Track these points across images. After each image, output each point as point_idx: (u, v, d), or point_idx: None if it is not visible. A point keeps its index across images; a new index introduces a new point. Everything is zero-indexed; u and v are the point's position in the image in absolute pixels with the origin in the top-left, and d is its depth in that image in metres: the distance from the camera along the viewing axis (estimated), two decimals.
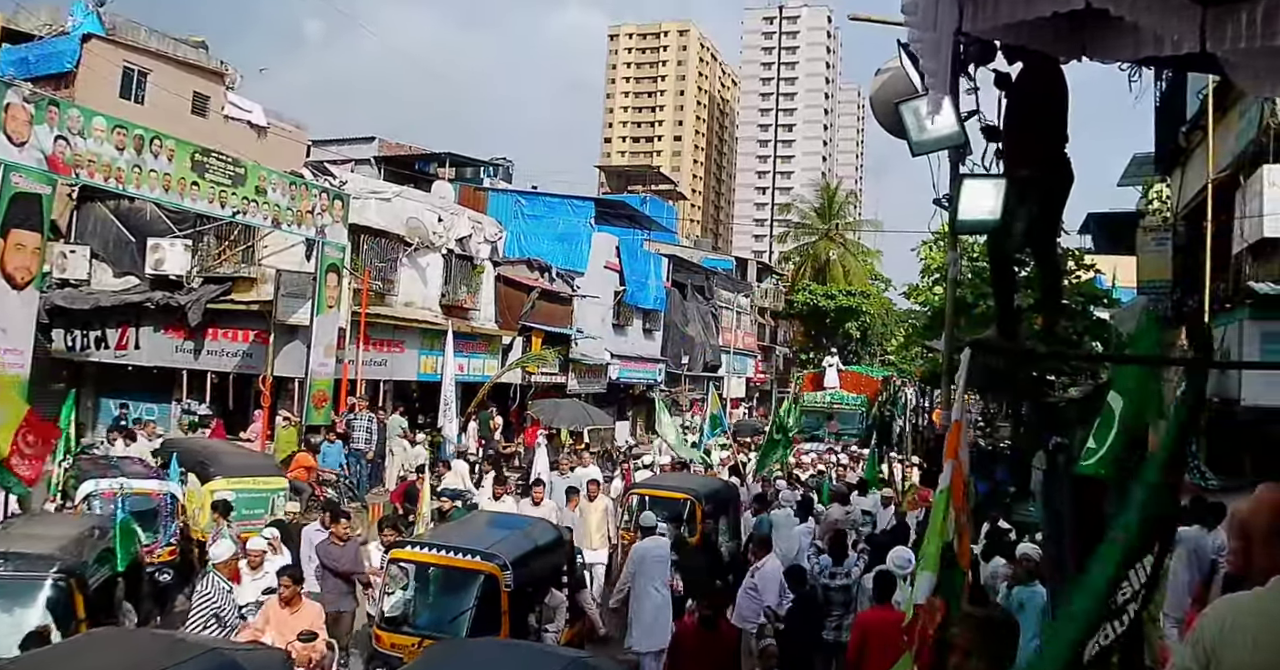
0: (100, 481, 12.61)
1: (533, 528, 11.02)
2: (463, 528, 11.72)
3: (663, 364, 43.50)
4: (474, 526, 11.61)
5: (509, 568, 9.18)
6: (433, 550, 9.83)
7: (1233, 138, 16.54)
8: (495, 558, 9.30)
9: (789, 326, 67.66)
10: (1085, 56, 4.86)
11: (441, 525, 13.12)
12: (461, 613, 9.57)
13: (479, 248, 29.26)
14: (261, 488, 14.88)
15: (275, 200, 19.63)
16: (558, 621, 10.18)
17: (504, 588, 9.12)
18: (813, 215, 68.41)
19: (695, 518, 14.78)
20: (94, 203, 23.92)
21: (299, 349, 21.65)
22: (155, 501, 12.84)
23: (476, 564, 9.38)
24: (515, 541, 10.10)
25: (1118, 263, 29.94)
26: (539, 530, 10.99)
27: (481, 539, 10.00)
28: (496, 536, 10.18)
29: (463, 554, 9.48)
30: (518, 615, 9.35)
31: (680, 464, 22.85)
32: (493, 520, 12.18)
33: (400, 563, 10.04)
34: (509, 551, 9.54)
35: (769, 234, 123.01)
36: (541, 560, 10.31)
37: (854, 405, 41.27)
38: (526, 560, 9.71)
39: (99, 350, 23.69)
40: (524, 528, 10.92)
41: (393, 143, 43.51)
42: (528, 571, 9.62)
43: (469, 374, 28.40)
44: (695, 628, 8.84)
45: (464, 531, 11.07)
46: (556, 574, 10.92)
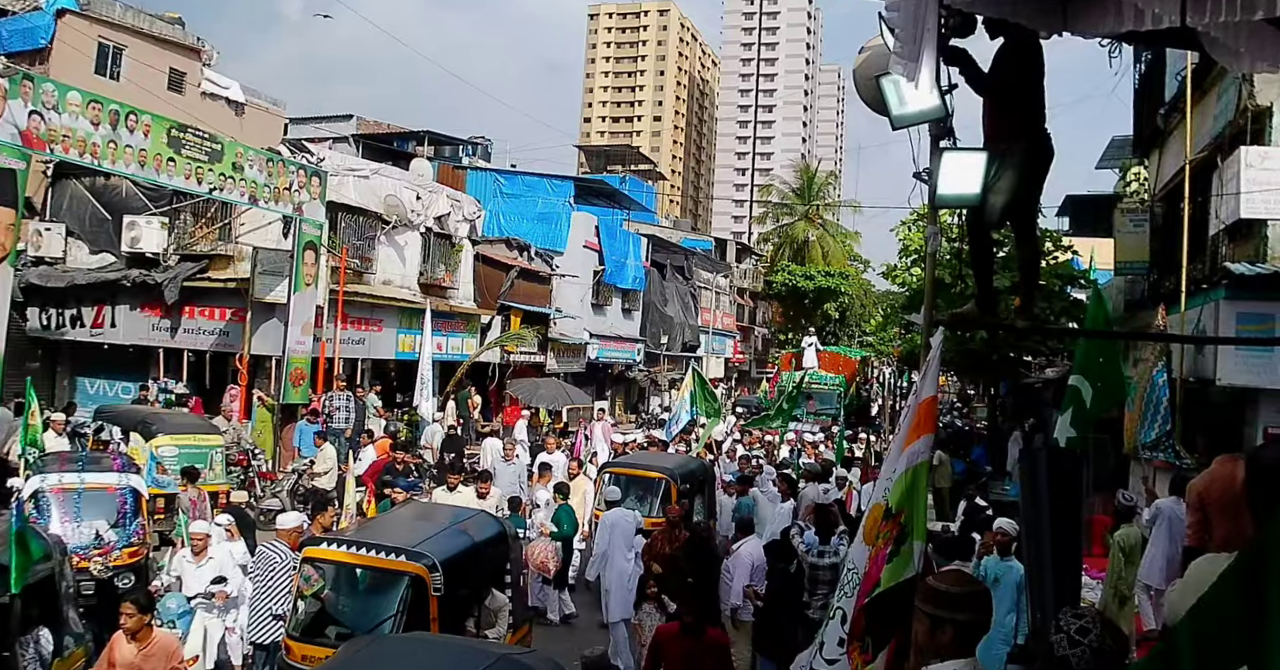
0: (49, 477, 11.23)
1: (470, 521, 9.75)
2: (390, 522, 10.51)
3: (641, 344, 43.54)
4: (402, 521, 10.29)
5: (438, 568, 8.18)
6: (351, 549, 8.59)
7: (1210, 120, 16.61)
8: (422, 557, 8.27)
9: (768, 307, 67.77)
10: (1066, 31, 4.86)
11: (369, 520, 11.88)
12: (383, 620, 8.60)
13: (458, 226, 29.14)
14: (202, 444, 16.20)
15: (252, 177, 19.50)
16: (500, 626, 9.14)
17: (432, 592, 8.15)
18: (792, 196, 68.35)
19: (670, 497, 14.33)
20: (69, 180, 23.75)
21: (276, 327, 21.56)
22: (113, 497, 11.52)
23: (401, 564, 8.34)
24: (448, 538, 9.02)
25: (1095, 245, 30.13)
26: (477, 524, 9.75)
27: (408, 536, 8.89)
28: (426, 533, 9.02)
29: (386, 553, 8.41)
30: (450, 622, 8.44)
31: (662, 442, 22.78)
32: (425, 513, 10.92)
33: (316, 562, 8.76)
34: (439, 550, 8.51)
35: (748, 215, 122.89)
36: (479, 559, 9.28)
37: (832, 385, 41.34)
38: (461, 559, 8.74)
39: (75, 329, 23.60)
40: (460, 522, 9.65)
41: (371, 121, 43.29)
42: (462, 572, 8.68)
43: (447, 353, 28.36)
44: (678, 635, 8.30)
45: (390, 527, 9.87)
46: (497, 573, 9.72)
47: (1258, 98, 14.63)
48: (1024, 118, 5.69)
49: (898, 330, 46.49)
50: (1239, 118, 15.08)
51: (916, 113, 5.86)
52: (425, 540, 8.70)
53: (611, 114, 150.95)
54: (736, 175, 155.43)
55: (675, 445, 22.48)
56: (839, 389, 41.22)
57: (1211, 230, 16.08)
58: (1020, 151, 5.63)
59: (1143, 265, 21.01)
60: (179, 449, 15.57)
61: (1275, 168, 14.06)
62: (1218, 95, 16.33)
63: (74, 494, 11.08)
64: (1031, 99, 5.69)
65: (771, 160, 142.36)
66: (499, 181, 38.49)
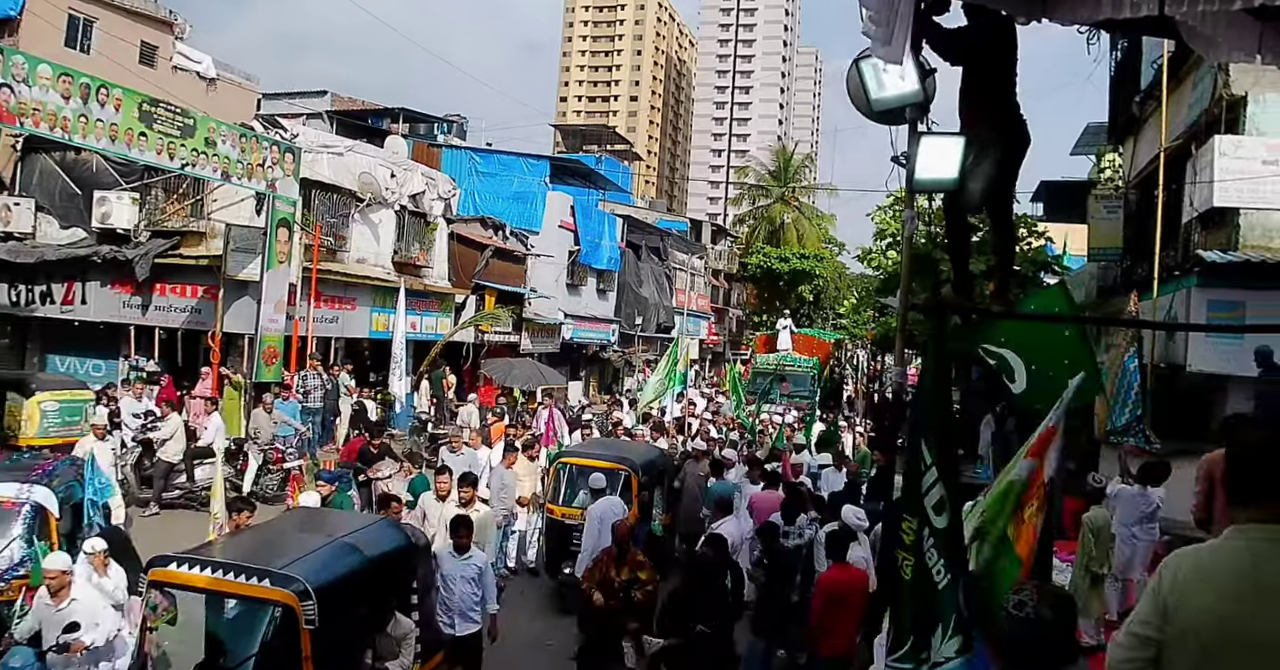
0: None
1: (364, 533, 8.09)
2: (262, 536, 8.53)
3: (616, 324, 43.50)
4: (277, 535, 8.44)
5: (310, 596, 6.52)
6: (206, 570, 6.79)
7: (1185, 108, 16.72)
8: (291, 582, 6.61)
9: (743, 289, 67.84)
10: (1045, 17, 4.86)
11: (239, 531, 9.61)
12: (243, 661, 7.36)
13: (432, 204, 29.00)
14: (77, 399, 16.84)
15: (225, 152, 19.31)
16: (404, 655, 7.81)
17: (304, 625, 6.52)
18: (768, 178, 68.39)
19: (631, 490, 13.46)
20: (39, 154, 23.45)
21: (249, 305, 21.39)
22: (10, 514, 9.44)
23: (264, 591, 6.70)
24: (329, 556, 7.37)
25: (1069, 231, 30.32)
26: (373, 536, 8.10)
27: (279, 553, 7.24)
28: (302, 549, 7.37)
29: (247, 576, 6.72)
30: (332, 658, 6.83)
31: (626, 431, 22.18)
32: (310, 523, 9.11)
33: (165, 586, 7.02)
34: (315, 571, 6.86)
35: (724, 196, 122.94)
36: (375, 578, 7.69)
37: (806, 368, 41.47)
38: (346, 582, 7.17)
39: (44, 305, 23.34)
40: (350, 533, 7.99)
41: (345, 98, 42.96)
42: (348, 597, 7.14)
43: (421, 332, 28.26)
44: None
45: (260, 542, 8.08)
46: (401, 593, 8.18)
47: (1233, 87, 14.76)
48: (1000, 103, 5.72)
49: (871, 313, 46.71)
50: (1214, 106, 15.20)
51: (895, 97, 5.88)
52: (298, 560, 7.06)
53: (588, 93, 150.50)
54: (713, 157, 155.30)
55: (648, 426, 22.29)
56: (813, 371, 41.36)
57: (1185, 218, 16.22)
58: (997, 137, 5.66)
59: (1116, 251, 21.18)
60: (59, 404, 16.37)
61: (1249, 157, 14.20)
62: (1193, 84, 16.44)
63: None
64: (1007, 84, 5.72)
65: (748, 142, 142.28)
66: (474, 160, 38.31)
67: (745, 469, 16.39)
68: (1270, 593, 2.52)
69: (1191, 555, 3.00)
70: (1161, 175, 16.93)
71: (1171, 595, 2.81)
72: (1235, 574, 2.69)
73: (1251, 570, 2.66)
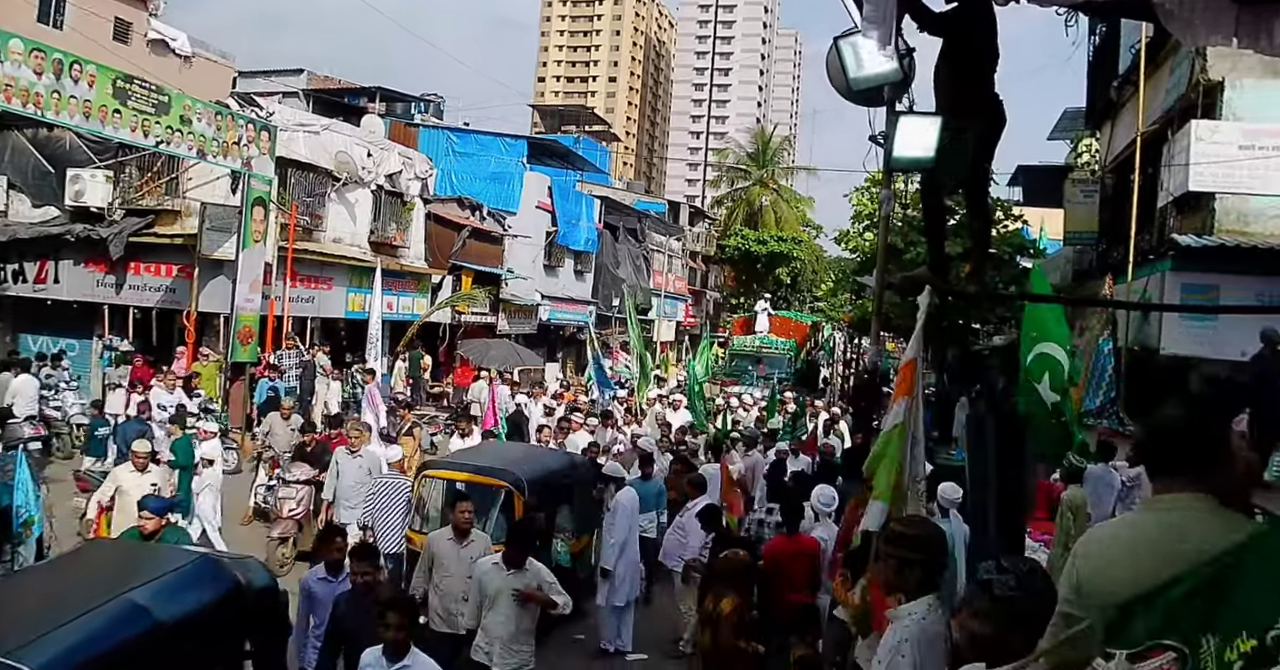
0: None
1: (165, 581, 6.01)
2: (12, 591, 6.41)
3: (593, 306, 43.48)
4: (34, 588, 6.34)
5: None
6: None
7: (1163, 93, 16.79)
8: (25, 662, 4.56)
9: (720, 271, 67.87)
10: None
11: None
12: None
13: (409, 184, 28.86)
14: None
15: (200, 130, 19.18)
16: None
17: None
18: (747, 160, 68.36)
19: (512, 512, 10.51)
20: (10, 131, 23.17)
21: (224, 284, 21.30)
22: None
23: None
24: (98, 625, 5.26)
25: (1045, 215, 30.48)
26: (177, 585, 6.05)
27: (17, 625, 5.18)
28: (56, 616, 5.22)
29: None
30: None
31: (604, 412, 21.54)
32: (94, 567, 6.77)
33: None
34: (68, 653, 4.89)
35: (702, 178, 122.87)
36: (173, 648, 5.59)
37: (782, 350, 41.60)
38: (116, 664, 5.21)
39: (17, 284, 23.14)
40: (146, 582, 5.89)
41: (321, 76, 42.69)
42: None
43: (398, 312, 28.17)
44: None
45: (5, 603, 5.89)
46: (225, 657, 6.38)
47: (1210, 72, 14.81)
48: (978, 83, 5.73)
49: (849, 296, 46.84)
50: (1190, 91, 15.27)
51: (874, 76, 5.89)
52: (41, 638, 4.92)
53: (566, 74, 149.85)
54: (691, 138, 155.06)
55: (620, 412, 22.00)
56: (789, 353, 41.50)
57: (1160, 202, 16.30)
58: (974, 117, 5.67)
59: (1091, 235, 21.28)
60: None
61: (1225, 141, 14.27)
62: (1171, 69, 16.50)
63: None
64: (985, 65, 5.72)
65: (727, 124, 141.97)
66: (451, 140, 38.12)
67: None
68: (1182, 555, 2.57)
69: (1108, 528, 3.09)
70: (1138, 159, 17.00)
71: (1085, 568, 2.88)
72: (1152, 541, 2.76)
73: (1168, 535, 2.72)
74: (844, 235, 34.79)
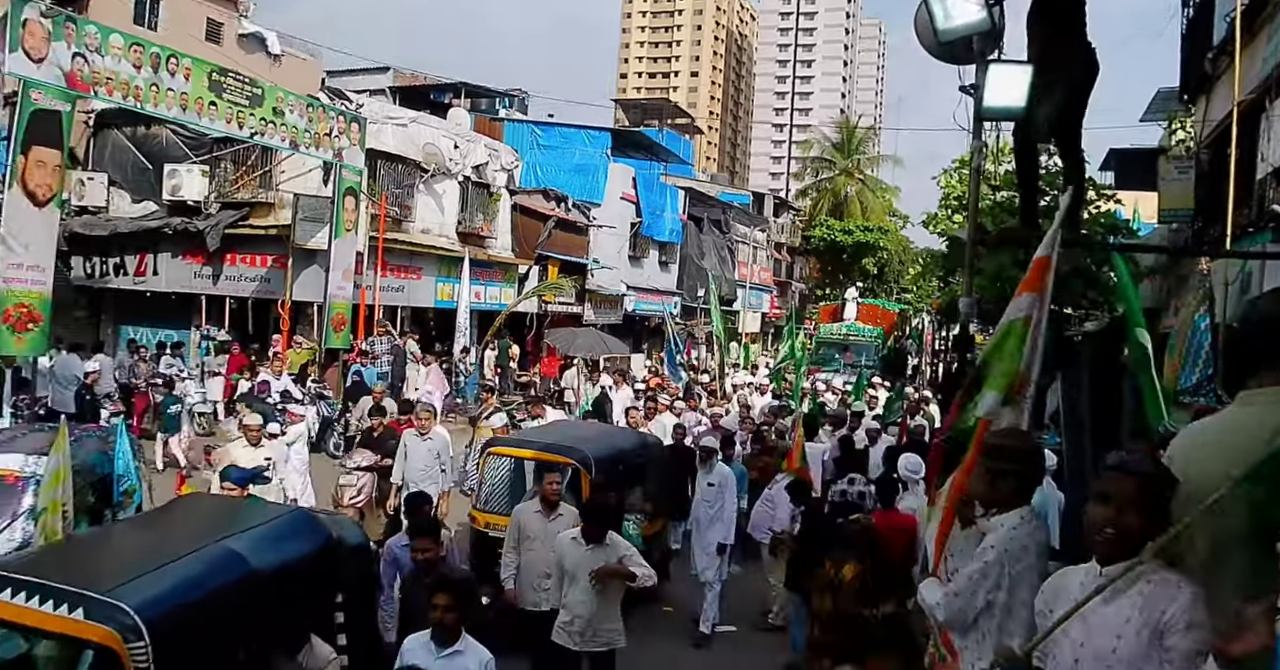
0: None
1: (260, 530, 6.09)
2: (109, 538, 6.82)
3: (678, 297, 43.50)
4: (129, 535, 6.67)
5: (142, 634, 4.54)
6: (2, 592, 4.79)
7: (1260, 62, 16.33)
8: (114, 613, 4.60)
9: (805, 262, 67.48)
10: None
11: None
12: None
13: (495, 176, 29.18)
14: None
15: (293, 122, 19.58)
16: None
17: (133, 666, 4.51)
18: (831, 150, 67.92)
19: (579, 490, 10.06)
20: (110, 130, 23.92)
21: (317, 273, 21.73)
22: (11, 490, 8.07)
23: (73, 626, 4.64)
24: (193, 568, 5.33)
25: (1139, 198, 29.84)
26: (272, 535, 6.10)
27: (116, 566, 5.41)
28: (154, 558, 5.37)
29: (55, 603, 4.70)
30: None
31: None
32: (188, 517, 6.95)
33: None
34: (161, 595, 4.91)
35: (786, 170, 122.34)
36: (267, 597, 5.64)
37: (870, 337, 41.29)
38: (212, 607, 5.23)
39: (118, 277, 23.84)
40: (241, 531, 5.99)
41: (407, 73, 43.20)
42: (215, 629, 5.22)
43: (485, 302, 28.49)
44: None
45: (100, 548, 6.25)
46: (319, 609, 6.26)
47: None
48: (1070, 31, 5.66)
49: (936, 283, 46.31)
50: None
51: (963, 26, 5.83)
52: (140, 577, 5.02)
53: (648, 69, 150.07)
54: (774, 131, 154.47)
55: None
56: (876, 341, 41.18)
57: (1259, 174, 15.86)
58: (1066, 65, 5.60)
59: (1187, 213, 20.76)
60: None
61: None
62: (1268, 36, 16.04)
63: None
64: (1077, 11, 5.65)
65: (810, 116, 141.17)
66: (536, 133, 38.37)
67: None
68: (1266, 444, 2.55)
69: (1199, 424, 3.05)
70: (1234, 131, 16.56)
71: (1179, 461, 2.85)
72: (1237, 432, 2.73)
73: (1256, 427, 2.69)
74: (932, 219, 34.43)
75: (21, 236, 13.88)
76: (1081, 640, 3.21)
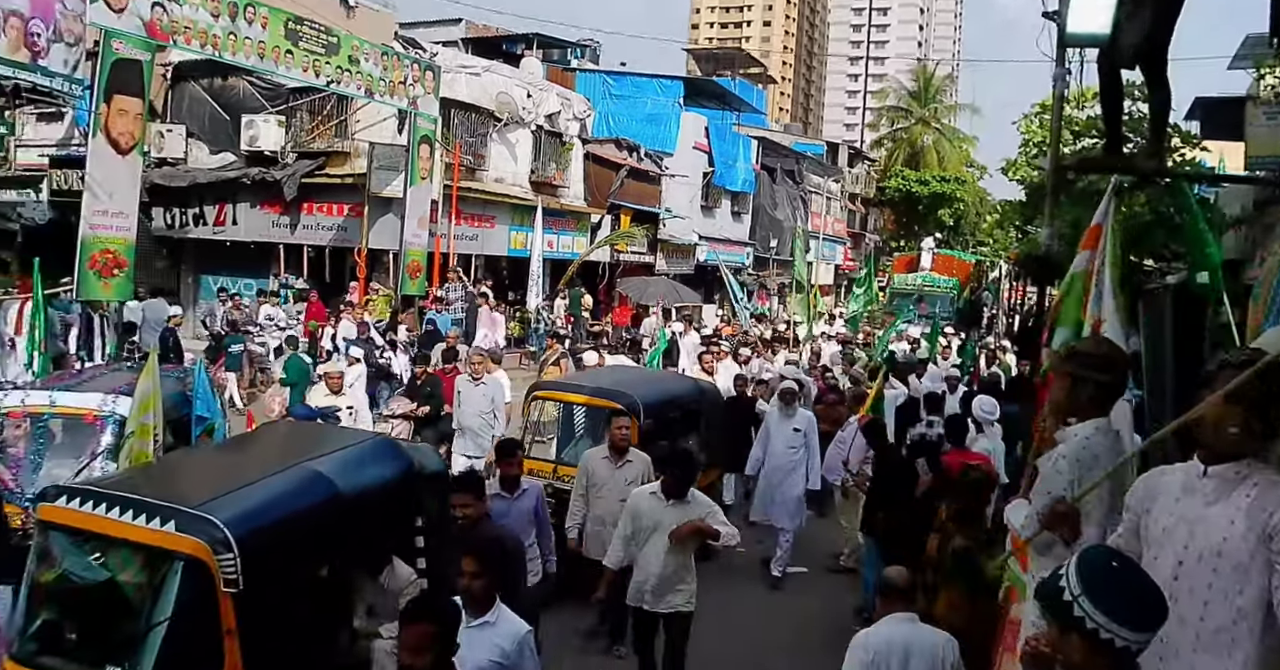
0: (13, 393, 8.42)
1: (344, 454, 6.25)
2: (197, 458, 7.13)
3: (750, 247, 43.28)
4: (218, 456, 7.06)
5: (231, 547, 4.74)
6: (99, 507, 4.99)
7: None
8: (204, 526, 4.80)
9: (880, 214, 66.67)
10: None
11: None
12: (140, 634, 4.96)
13: (568, 125, 29.17)
14: None
15: (368, 70, 19.71)
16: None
17: (222, 586, 4.76)
18: (908, 99, 66.81)
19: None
20: (188, 82, 24.28)
21: (393, 221, 21.96)
22: (90, 429, 8.03)
23: (165, 538, 4.84)
24: (280, 487, 5.53)
25: (1224, 148, 29.06)
26: (355, 459, 6.25)
27: (206, 483, 5.56)
28: (242, 477, 5.60)
29: (147, 516, 4.89)
30: (277, 629, 5.03)
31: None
32: (276, 440, 7.42)
33: (53, 528, 5.27)
34: (249, 511, 5.12)
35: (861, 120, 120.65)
36: (351, 518, 5.78)
37: (945, 288, 40.78)
38: (298, 525, 5.46)
39: (197, 227, 24.33)
40: (324, 454, 6.15)
41: (479, 25, 43.17)
42: (301, 547, 5.53)
43: (558, 251, 28.62)
44: None
45: (190, 467, 6.57)
46: (398, 535, 6.32)
47: None
48: None
49: (1014, 234, 45.54)
50: None
51: None
52: (228, 494, 5.24)
53: (720, 19, 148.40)
54: (849, 81, 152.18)
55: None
56: (952, 292, 40.67)
57: None
58: None
59: (1275, 160, 20.21)
60: None
61: None
62: None
63: (37, 421, 7.92)
64: None
65: (886, 65, 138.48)
66: (608, 83, 38.17)
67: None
68: None
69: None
70: None
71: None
72: None
73: None
74: (1011, 165, 33.76)
75: (106, 184, 14.16)
76: (1185, 542, 3.18)
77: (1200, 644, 3.08)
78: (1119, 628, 2.56)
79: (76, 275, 13.70)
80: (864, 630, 5.53)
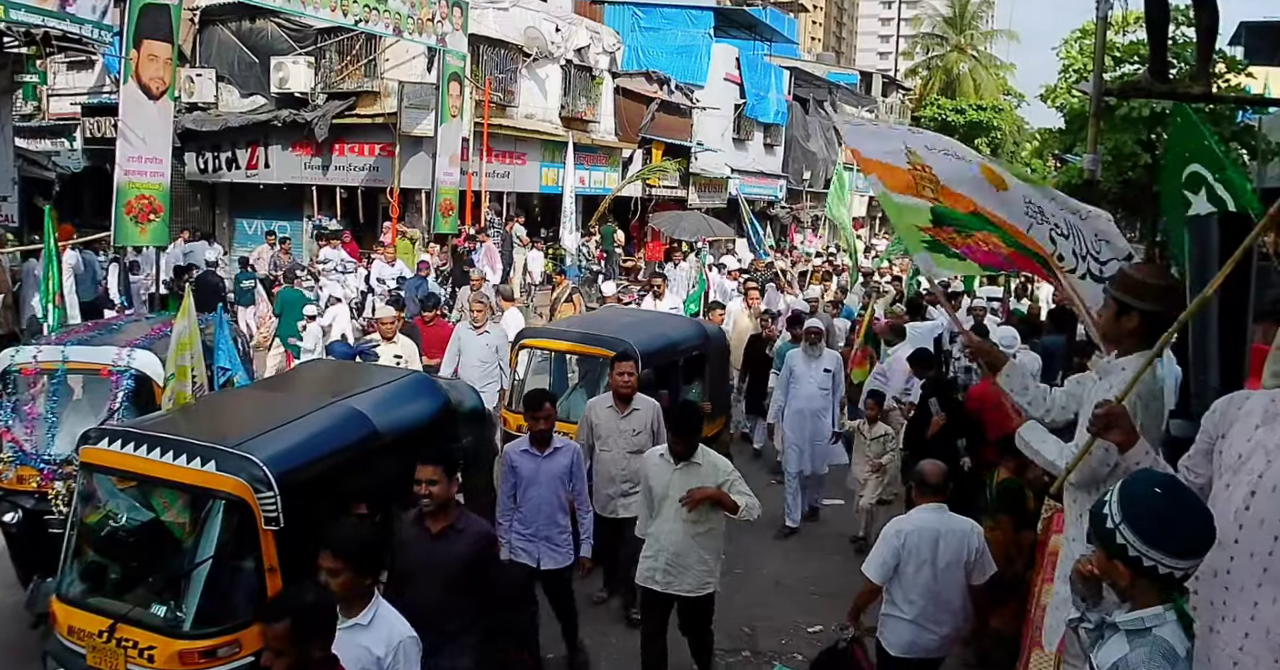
0: (24, 349, 7.74)
1: (381, 391, 6.40)
2: (238, 398, 7.08)
3: (784, 180, 42.92)
4: (256, 396, 7.03)
5: (271, 485, 4.85)
6: (139, 449, 5.12)
7: None
8: (244, 465, 4.91)
9: None
10: None
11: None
12: (183, 573, 5.14)
13: (597, 59, 28.88)
14: None
15: (395, 8, 19.54)
16: None
17: (263, 525, 4.91)
18: (944, 26, 65.68)
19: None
20: (216, 26, 24.26)
21: (424, 160, 21.93)
22: (105, 384, 7.49)
23: (206, 478, 4.93)
24: (317, 425, 5.65)
25: (1270, 74, 28.40)
26: (393, 396, 6.37)
27: (246, 423, 5.63)
28: (282, 415, 5.67)
29: (188, 457, 4.97)
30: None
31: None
32: (314, 379, 7.58)
33: (97, 470, 5.44)
34: (288, 449, 5.27)
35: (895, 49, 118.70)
36: (388, 456, 5.83)
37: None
38: (337, 463, 5.57)
39: (230, 171, 24.42)
40: (362, 391, 6.29)
41: None
42: (339, 484, 5.53)
43: (590, 187, 28.51)
44: None
45: (230, 407, 6.63)
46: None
47: None
48: None
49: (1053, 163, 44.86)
50: None
51: None
52: (267, 433, 5.31)
53: None
54: (882, 8, 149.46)
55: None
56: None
57: None
58: None
59: None
60: None
61: None
62: None
63: (51, 377, 7.44)
64: None
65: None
66: (637, 14, 37.65)
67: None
68: None
69: None
70: None
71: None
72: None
73: None
74: (1050, 92, 33.02)
75: (139, 129, 14.16)
76: (1261, 471, 3.08)
77: (1267, 578, 2.97)
78: (1161, 555, 2.59)
79: (114, 221, 13.77)
80: (897, 517, 5.83)
